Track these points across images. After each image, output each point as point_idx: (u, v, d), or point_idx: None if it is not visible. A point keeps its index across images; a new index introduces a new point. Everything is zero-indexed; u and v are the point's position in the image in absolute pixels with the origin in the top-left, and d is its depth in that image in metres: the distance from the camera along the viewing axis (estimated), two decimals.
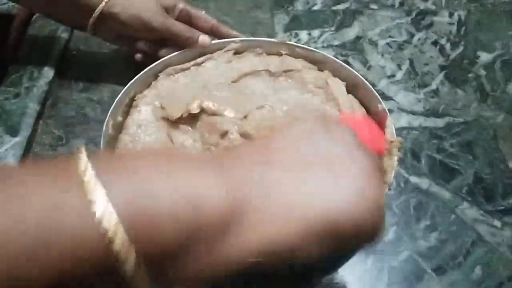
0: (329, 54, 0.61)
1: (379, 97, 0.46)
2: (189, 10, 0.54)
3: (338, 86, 0.49)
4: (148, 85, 0.49)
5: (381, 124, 0.46)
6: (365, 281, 0.41)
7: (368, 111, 0.48)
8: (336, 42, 0.63)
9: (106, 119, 0.44)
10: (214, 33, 0.54)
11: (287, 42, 0.52)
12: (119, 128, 0.46)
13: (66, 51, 0.60)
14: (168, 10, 0.52)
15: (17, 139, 0.49)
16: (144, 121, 0.46)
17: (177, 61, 0.51)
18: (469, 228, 0.45)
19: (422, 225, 0.45)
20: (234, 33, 0.55)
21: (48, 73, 0.55)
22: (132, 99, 0.48)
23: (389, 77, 0.59)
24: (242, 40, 0.52)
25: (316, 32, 0.64)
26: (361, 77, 0.48)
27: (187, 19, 0.53)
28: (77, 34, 0.61)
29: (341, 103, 0.48)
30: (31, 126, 0.50)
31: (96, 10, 0.48)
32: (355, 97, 0.49)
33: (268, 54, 0.53)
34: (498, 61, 0.62)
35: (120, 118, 0.46)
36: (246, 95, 0.48)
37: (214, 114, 0.44)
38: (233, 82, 0.50)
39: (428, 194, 0.47)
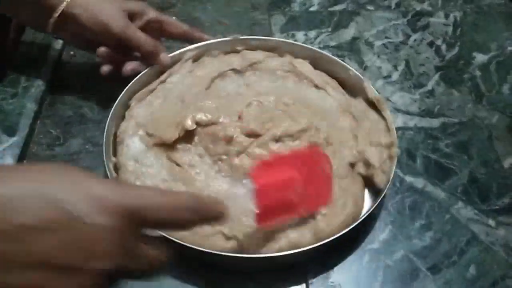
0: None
1: (346, 64, 0.48)
2: (160, 18, 0.53)
3: (304, 65, 0.51)
4: (123, 118, 0.48)
5: (356, 88, 0.48)
6: (360, 280, 0.42)
7: (340, 80, 0.51)
8: (332, 43, 0.63)
9: (106, 165, 0.42)
10: (187, 39, 0.54)
11: (240, 37, 0.53)
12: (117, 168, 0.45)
13: (64, 52, 0.60)
14: (133, 16, 0.51)
15: (14, 138, 0.49)
16: (137, 154, 0.44)
17: (139, 85, 0.50)
18: (463, 228, 0.45)
19: (417, 224, 0.45)
20: (207, 36, 0.54)
21: (46, 73, 0.56)
22: (115, 136, 0.47)
23: (385, 77, 0.59)
24: (196, 47, 0.53)
25: (312, 33, 0.65)
26: (319, 50, 0.51)
27: (158, 26, 0.53)
28: None
29: (314, 79, 0.49)
30: (29, 126, 0.50)
31: (57, 10, 0.47)
32: (323, 71, 0.52)
33: (226, 53, 0.54)
34: (494, 62, 0.62)
35: (114, 159, 0.45)
36: (225, 97, 0.49)
37: (208, 124, 0.44)
38: (207, 88, 0.50)
39: (423, 194, 0.48)
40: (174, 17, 0.55)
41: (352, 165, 0.45)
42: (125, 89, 0.48)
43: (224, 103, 0.47)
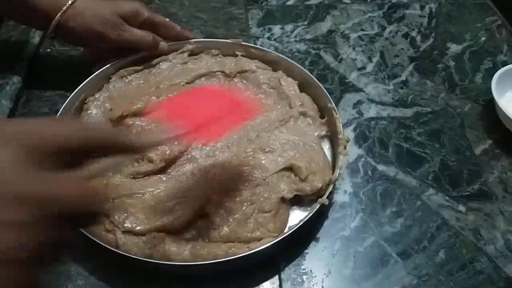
0: (301, 48, 0.62)
1: (328, 95, 0.48)
2: (154, 18, 0.53)
3: (290, 86, 0.51)
4: (100, 88, 0.50)
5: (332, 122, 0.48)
6: (331, 267, 0.42)
7: (321, 108, 0.50)
8: (308, 36, 0.64)
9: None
10: (179, 40, 0.55)
11: (242, 43, 0.53)
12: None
13: (40, 48, 0.60)
14: (128, 18, 0.51)
15: None
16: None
17: (130, 64, 0.52)
18: (434, 214, 0.46)
19: (388, 211, 0.46)
20: (191, 34, 0.55)
21: (21, 70, 0.56)
22: (83, 102, 0.49)
23: (359, 69, 0.60)
24: (197, 41, 0.54)
25: (289, 27, 0.65)
26: (312, 76, 0.50)
27: (151, 27, 0.53)
28: None
29: (292, 102, 0.49)
30: None
31: (52, 24, 0.48)
32: (308, 94, 0.51)
33: (224, 55, 0.54)
34: (467, 52, 0.63)
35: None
36: None
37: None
38: (187, 83, 0.50)
39: (395, 182, 0.48)
40: (167, 19, 0.55)
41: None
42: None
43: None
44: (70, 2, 0.48)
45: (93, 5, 0.49)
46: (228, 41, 0.54)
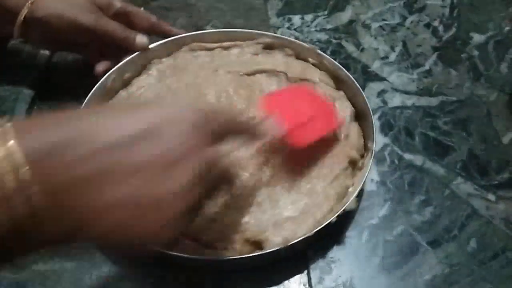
0: (322, 37, 0.62)
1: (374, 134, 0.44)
2: (126, 8, 0.51)
3: (342, 111, 0.47)
4: (169, 54, 0.51)
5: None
6: (359, 256, 0.41)
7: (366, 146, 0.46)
8: (329, 26, 0.63)
9: (109, 72, 0.46)
10: (154, 31, 0.52)
11: (318, 51, 0.51)
12: (123, 84, 0.49)
13: (52, 58, 0.57)
14: (102, 9, 0.49)
15: None
16: (147, 85, 0.48)
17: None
18: (463, 203, 0.45)
19: (416, 200, 0.45)
20: (175, 30, 0.53)
21: (34, 81, 0.53)
22: (148, 62, 0.50)
23: (382, 58, 0.59)
24: (275, 37, 0.52)
25: (309, 17, 0.64)
26: (370, 110, 0.45)
27: (124, 18, 0.50)
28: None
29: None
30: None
31: (19, 16, 0.45)
32: (361, 126, 0.47)
33: (297, 58, 0.52)
34: (491, 41, 0.62)
35: (127, 75, 0.49)
36: (247, 89, 0.48)
37: None
38: (247, 75, 0.50)
39: (422, 171, 0.47)
40: (142, 8, 0.53)
41: None
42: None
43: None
44: None
45: None
46: (305, 45, 0.51)
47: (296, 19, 0.64)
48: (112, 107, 0.27)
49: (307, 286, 0.40)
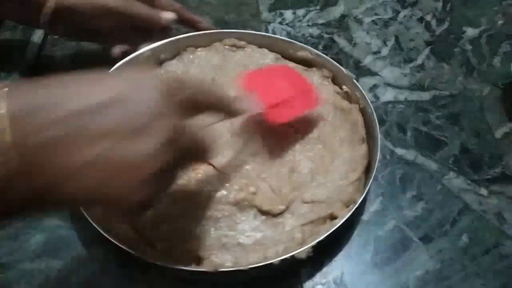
0: (314, 32, 0.61)
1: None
2: None
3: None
4: (206, 45, 0.52)
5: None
6: (351, 251, 0.41)
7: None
8: (321, 21, 0.63)
9: (144, 49, 0.48)
10: (178, 18, 0.52)
11: (354, 79, 0.48)
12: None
13: (42, 49, 0.56)
14: None
15: None
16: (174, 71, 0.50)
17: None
18: (455, 197, 0.45)
19: (408, 195, 0.45)
20: (198, 18, 0.53)
21: (23, 72, 0.53)
22: (183, 49, 0.51)
23: (374, 53, 0.58)
24: (317, 55, 0.50)
25: (301, 11, 0.64)
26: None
27: (149, 2, 0.50)
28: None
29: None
30: None
31: (47, 6, 0.44)
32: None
33: (334, 83, 0.50)
34: (484, 35, 0.61)
35: (163, 56, 0.50)
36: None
37: None
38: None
39: (414, 165, 0.47)
40: None
41: None
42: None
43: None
44: None
45: None
46: (344, 71, 0.49)
47: (288, 14, 0.63)
48: (87, 75, 0.27)
49: (297, 282, 0.39)
